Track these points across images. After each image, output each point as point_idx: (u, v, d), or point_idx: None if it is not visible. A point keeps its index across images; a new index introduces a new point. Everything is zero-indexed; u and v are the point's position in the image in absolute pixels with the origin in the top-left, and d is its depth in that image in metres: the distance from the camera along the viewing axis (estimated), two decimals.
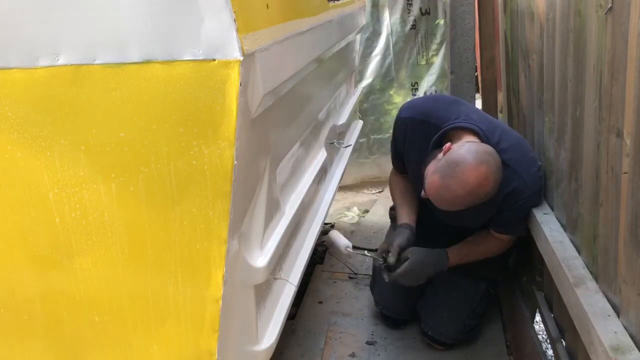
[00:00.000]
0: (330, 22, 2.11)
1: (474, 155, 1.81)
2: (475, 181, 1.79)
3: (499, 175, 1.85)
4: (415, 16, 4.02)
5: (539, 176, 2.05)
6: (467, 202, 1.85)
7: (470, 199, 1.84)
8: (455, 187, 1.81)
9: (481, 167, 1.79)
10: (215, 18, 1.07)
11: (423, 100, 2.38)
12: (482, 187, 1.81)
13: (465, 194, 1.82)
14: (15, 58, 1.12)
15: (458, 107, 2.15)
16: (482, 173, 1.79)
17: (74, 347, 1.29)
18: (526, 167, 2.02)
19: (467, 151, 1.83)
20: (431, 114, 2.13)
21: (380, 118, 4.21)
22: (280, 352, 2.23)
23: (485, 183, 1.81)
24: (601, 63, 1.42)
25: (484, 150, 1.85)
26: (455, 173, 1.80)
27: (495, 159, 1.86)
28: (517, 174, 1.99)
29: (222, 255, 1.18)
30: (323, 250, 3.15)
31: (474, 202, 1.87)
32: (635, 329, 1.29)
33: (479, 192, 1.82)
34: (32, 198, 1.19)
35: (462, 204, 1.87)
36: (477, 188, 1.81)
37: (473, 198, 1.84)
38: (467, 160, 1.80)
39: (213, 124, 1.11)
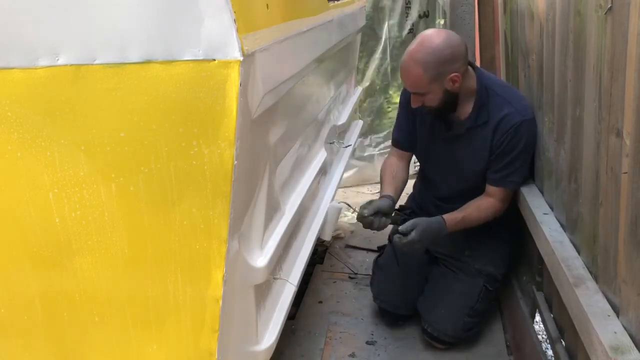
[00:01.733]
0: (330, 22, 2.11)
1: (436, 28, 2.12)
2: (426, 36, 2.03)
3: (453, 36, 2.05)
4: (414, 20, 4.03)
5: (531, 107, 2.16)
6: (424, 57, 1.99)
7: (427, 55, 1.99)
8: (411, 47, 2.04)
9: (433, 29, 2.11)
10: (215, 18, 1.07)
11: None
12: (432, 38, 2.01)
13: (418, 47, 2.01)
14: (15, 58, 1.12)
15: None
16: (433, 30, 2.08)
17: (74, 347, 1.29)
18: (517, 97, 2.17)
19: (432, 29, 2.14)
20: None
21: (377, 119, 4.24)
22: (280, 352, 2.23)
23: (435, 35, 2.02)
24: (601, 63, 1.42)
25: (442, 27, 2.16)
26: (417, 40, 2.05)
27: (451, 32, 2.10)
28: (508, 102, 2.13)
29: (222, 255, 1.18)
30: (323, 250, 3.15)
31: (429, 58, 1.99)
32: (635, 329, 1.29)
33: (429, 43, 2.00)
34: (32, 198, 1.19)
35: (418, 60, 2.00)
36: (427, 39, 2.01)
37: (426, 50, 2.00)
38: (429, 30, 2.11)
39: (213, 124, 1.11)
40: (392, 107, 4.23)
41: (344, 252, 3.15)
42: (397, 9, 4.04)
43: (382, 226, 2.17)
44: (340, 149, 2.72)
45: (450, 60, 2.01)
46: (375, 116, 4.26)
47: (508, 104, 2.12)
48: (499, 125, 2.10)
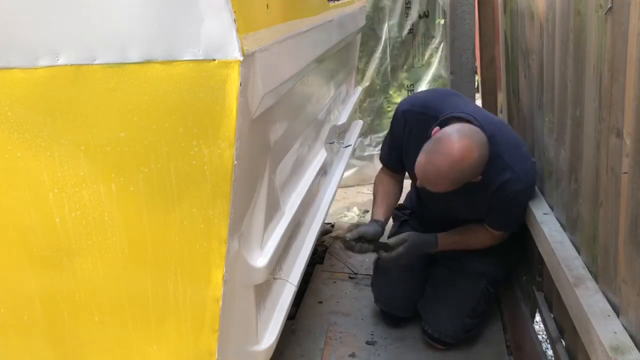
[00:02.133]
0: (330, 22, 2.11)
1: (457, 131, 1.87)
2: (458, 153, 1.82)
3: (484, 151, 1.88)
4: (414, 20, 4.04)
5: (532, 169, 2.08)
6: (453, 176, 1.87)
7: (456, 174, 1.86)
8: (440, 161, 1.84)
9: (464, 139, 1.83)
10: (215, 18, 1.07)
11: (421, 93, 2.42)
12: (466, 160, 1.83)
13: (449, 167, 1.84)
14: (15, 58, 1.12)
15: (456, 99, 2.18)
16: (465, 145, 1.83)
17: (74, 347, 1.29)
18: (519, 159, 2.05)
19: (451, 128, 1.89)
20: (430, 106, 2.15)
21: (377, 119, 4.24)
22: (280, 352, 2.23)
23: (469, 155, 1.83)
24: (601, 63, 1.42)
25: (469, 128, 1.90)
26: (439, 147, 1.85)
27: (480, 135, 1.89)
28: (510, 166, 2.02)
29: (222, 255, 1.18)
30: (323, 250, 3.15)
31: (461, 178, 1.88)
32: (635, 329, 1.29)
33: (463, 165, 1.84)
34: (32, 198, 1.19)
35: (448, 179, 1.88)
36: (460, 160, 1.83)
37: (458, 173, 1.86)
38: (451, 135, 1.86)
39: (213, 124, 1.11)
40: (392, 107, 4.23)
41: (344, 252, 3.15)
42: (397, 9, 4.05)
43: (362, 251, 2.19)
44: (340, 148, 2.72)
45: (479, 172, 1.92)
46: (375, 116, 4.26)
47: (510, 169, 2.01)
48: (499, 190, 2.02)
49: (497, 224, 2.17)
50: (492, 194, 2.04)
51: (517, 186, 2.03)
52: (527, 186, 2.06)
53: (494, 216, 2.15)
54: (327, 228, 3.43)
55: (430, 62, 4.11)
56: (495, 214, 2.13)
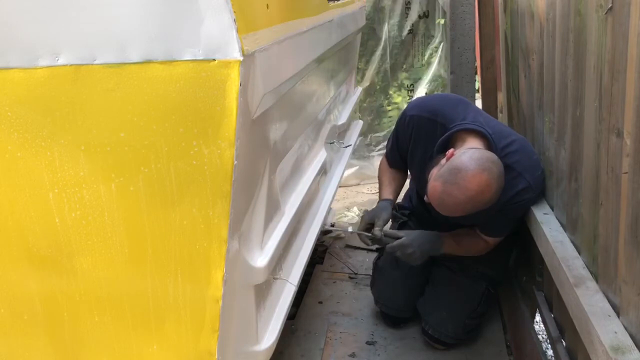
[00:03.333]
0: (330, 22, 2.11)
1: (476, 163, 1.80)
2: (477, 188, 1.78)
3: (500, 183, 1.84)
4: (414, 20, 4.04)
5: (542, 179, 2.07)
6: (468, 208, 1.84)
7: (471, 206, 1.83)
8: (457, 194, 1.80)
9: (483, 174, 1.78)
10: (215, 18, 1.07)
11: (431, 98, 2.34)
12: (483, 195, 1.80)
13: (466, 201, 1.81)
14: (15, 58, 1.12)
15: (466, 107, 2.14)
16: (484, 180, 1.78)
17: (74, 347, 1.29)
18: (531, 170, 2.03)
19: (470, 158, 1.82)
20: (439, 113, 2.12)
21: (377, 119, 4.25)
22: (280, 352, 2.23)
23: (487, 190, 1.80)
24: (601, 63, 1.42)
25: (487, 158, 1.83)
26: (457, 180, 1.79)
27: (498, 166, 1.84)
28: (523, 177, 2.00)
29: (222, 255, 1.18)
30: (323, 250, 3.15)
31: (475, 209, 1.86)
32: (635, 329, 1.29)
33: (480, 199, 1.81)
34: (32, 198, 1.19)
35: (463, 211, 1.86)
36: (478, 195, 1.79)
37: (474, 205, 1.83)
38: (469, 167, 1.79)
39: (213, 124, 1.11)
40: (392, 107, 4.23)
41: (344, 252, 3.15)
42: (397, 9, 4.05)
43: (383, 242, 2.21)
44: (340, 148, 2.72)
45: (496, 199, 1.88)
46: (375, 116, 4.26)
47: (523, 179, 1.99)
48: (511, 200, 2.00)
49: (494, 230, 2.16)
50: (504, 204, 2.01)
51: (527, 195, 2.02)
52: (535, 196, 2.05)
53: (492, 223, 2.13)
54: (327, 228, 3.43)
55: (430, 62, 4.12)
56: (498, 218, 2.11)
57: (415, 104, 2.28)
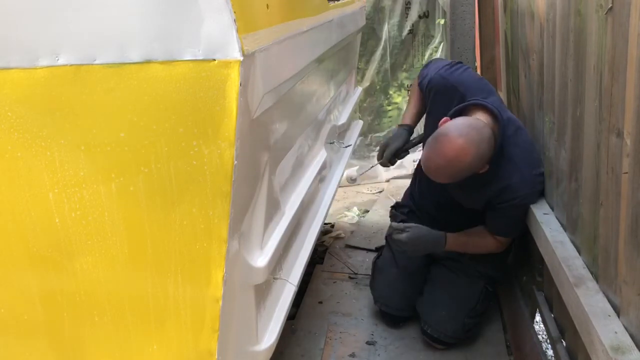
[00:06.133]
0: (330, 22, 2.11)
1: (455, 128, 1.88)
2: (453, 153, 1.85)
3: (482, 147, 1.88)
4: (414, 20, 4.04)
5: (539, 180, 2.06)
6: (451, 173, 1.90)
7: (452, 170, 1.89)
8: (436, 158, 1.89)
9: (459, 139, 1.84)
10: (215, 18, 1.07)
11: (463, 69, 2.30)
12: (460, 159, 1.85)
13: (445, 164, 1.88)
14: (15, 58, 1.12)
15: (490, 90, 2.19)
16: (459, 144, 1.84)
17: (74, 347, 1.29)
18: (529, 166, 2.05)
19: (452, 124, 1.91)
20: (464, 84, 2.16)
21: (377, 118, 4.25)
22: (280, 352, 2.23)
23: (463, 154, 1.85)
24: (601, 63, 1.42)
25: (468, 124, 1.90)
26: (437, 145, 1.88)
27: (479, 132, 1.88)
28: (518, 170, 2.02)
29: (222, 255, 1.18)
30: (323, 250, 3.15)
31: (460, 174, 1.91)
32: (635, 329, 1.29)
33: (457, 163, 1.86)
34: (32, 198, 1.19)
35: (447, 175, 1.92)
36: (455, 159, 1.85)
37: (455, 169, 1.88)
38: (448, 133, 1.87)
39: (213, 124, 1.11)
40: (392, 107, 4.23)
41: (344, 252, 3.15)
42: (397, 9, 4.05)
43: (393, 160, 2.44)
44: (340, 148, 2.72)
45: (480, 167, 1.93)
46: (375, 116, 4.26)
47: (517, 173, 2.02)
48: (502, 192, 2.03)
49: (499, 229, 2.17)
50: (495, 195, 2.04)
51: (520, 192, 2.03)
52: (531, 193, 2.05)
53: (496, 221, 2.14)
54: (327, 228, 3.43)
55: None
56: (497, 219, 2.13)
57: (443, 71, 2.27)
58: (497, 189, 2.02)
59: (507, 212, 2.08)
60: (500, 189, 2.02)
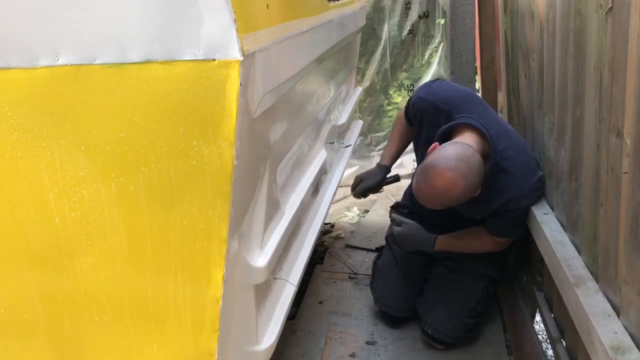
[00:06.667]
0: (330, 22, 2.11)
1: (443, 161, 1.82)
2: (442, 186, 1.81)
3: (470, 179, 1.83)
4: (414, 20, 4.04)
5: (538, 187, 2.07)
6: (443, 203, 1.88)
7: (444, 201, 1.86)
8: (427, 191, 1.86)
9: (447, 173, 1.80)
10: (215, 18, 1.07)
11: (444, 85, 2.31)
12: (449, 192, 1.82)
13: (436, 197, 1.85)
14: (15, 58, 1.12)
15: (475, 104, 2.15)
16: (448, 179, 1.80)
17: (74, 347, 1.29)
18: (528, 176, 2.04)
19: (440, 156, 1.84)
20: (447, 102, 2.13)
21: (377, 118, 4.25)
22: (280, 352, 2.23)
23: (452, 188, 1.81)
24: (601, 63, 1.42)
25: (456, 156, 1.83)
26: (426, 177, 1.84)
27: (467, 163, 1.83)
28: (518, 183, 2.01)
29: (222, 255, 1.18)
30: (323, 250, 3.15)
31: (453, 203, 1.89)
32: (635, 329, 1.29)
33: (448, 195, 1.83)
34: (32, 198, 1.18)
35: (440, 205, 1.89)
36: (445, 192, 1.82)
37: (446, 200, 1.86)
38: (436, 166, 1.82)
39: (213, 124, 1.11)
40: (392, 107, 4.23)
41: (344, 252, 3.15)
42: (397, 9, 4.05)
43: (366, 195, 2.55)
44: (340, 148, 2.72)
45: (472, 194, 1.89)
46: (375, 116, 4.26)
47: (518, 185, 2.01)
48: (505, 204, 2.03)
49: (501, 232, 2.17)
50: (498, 207, 2.03)
51: (523, 202, 2.03)
52: (533, 201, 2.05)
53: (497, 226, 2.14)
54: (327, 228, 3.43)
55: (430, 62, 4.12)
56: (499, 225, 2.13)
57: (427, 88, 2.27)
58: (498, 204, 2.02)
59: (510, 220, 2.09)
60: (502, 203, 2.02)
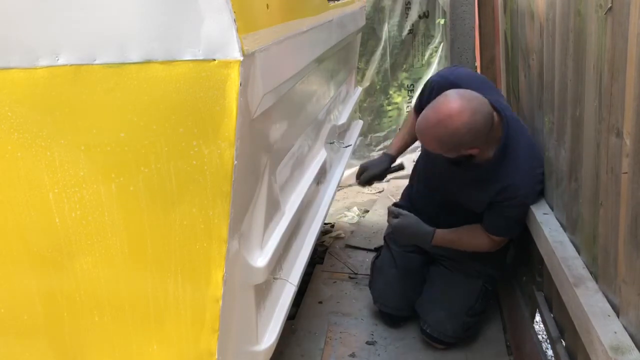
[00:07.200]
0: (330, 22, 2.11)
1: (457, 92, 1.87)
2: (446, 111, 1.83)
3: (478, 118, 1.84)
4: (414, 20, 4.04)
5: (538, 180, 2.06)
6: (439, 133, 1.86)
7: (441, 131, 1.85)
8: (430, 114, 1.87)
9: (456, 101, 1.83)
10: (215, 18, 1.07)
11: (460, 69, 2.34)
12: (454, 118, 1.82)
13: (436, 123, 1.85)
14: (15, 58, 1.12)
15: (491, 88, 2.18)
16: (456, 105, 1.82)
17: (74, 347, 1.29)
18: (530, 166, 2.04)
19: (455, 90, 1.89)
20: (464, 82, 2.13)
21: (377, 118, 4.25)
22: (280, 352, 2.23)
23: (457, 115, 1.82)
24: (601, 63, 1.42)
25: (474, 95, 1.87)
26: (435, 103, 1.88)
27: (480, 103, 1.86)
28: (519, 171, 2.01)
29: (222, 255, 1.18)
30: (323, 250, 3.15)
31: (449, 140, 1.86)
32: (635, 329, 1.29)
33: (451, 123, 1.82)
34: (32, 198, 1.19)
35: (435, 136, 1.88)
36: (448, 118, 1.82)
37: (444, 130, 1.84)
38: (448, 94, 1.87)
39: (213, 124, 1.11)
40: (392, 107, 4.23)
41: (344, 252, 3.15)
42: (397, 9, 4.05)
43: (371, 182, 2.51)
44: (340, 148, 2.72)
45: (470, 141, 1.89)
46: (375, 116, 4.26)
47: (518, 173, 2.01)
48: (501, 191, 2.03)
49: (496, 229, 2.16)
50: (494, 194, 2.03)
51: (520, 192, 2.02)
52: (531, 192, 2.05)
53: (493, 221, 2.13)
54: (327, 228, 3.43)
55: (430, 62, 4.12)
56: (495, 218, 2.12)
57: (443, 72, 2.31)
58: (498, 188, 2.02)
59: (506, 212, 2.07)
60: (501, 188, 2.02)
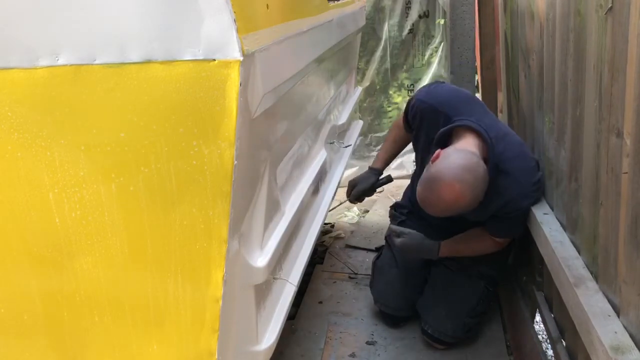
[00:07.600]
0: (330, 22, 2.11)
1: (451, 172, 1.82)
2: (450, 198, 1.83)
3: (478, 190, 1.86)
4: (414, 20, 4.04)
5: (537, 187, 2.08)
6: (449, 213, 1.90)
7: (452, 211, 1.89)
8: (434, 202, 1.87)
9: (456, 185, 1.81)
10: (215, 18, 1.07)
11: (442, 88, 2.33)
12: (458, 202, 1.84)
13: (444, 208, 1.87)
14: (15, 58, 1.12)
15: (474, 106, 2.17)
16: (457, 190, 1.81)
17: (74, 347, 1.29)
18: (528, 178, 2.05)
19: (446, 166, 1.84)
20: (445, 104, 2.14)
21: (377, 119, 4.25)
22: (280, 352, 2.23)
23: (461, 199, 1.83)
24: (601, 63, 1.42)
25: (463, 166, 1.84)
26: (433, 188, 1.85)
27: (474, 174, 1.84)
28: (519, 184, 2.02)
29: (222, 255, 1.18)
30: (323, 250, 3.15)
31: (459, 212, 1.91)
32: (635, 329, 1.29)
33: (456, 206, 1.85)
34: (32, 198, 1.19)
35: (445, 214, 1.91)
36: (453, 203, 1.84)
37: (454, 210, 1.88)
38: (444, 178, 1.83)
39: (213, 124, 1.11)
40: (392, 107, 4.23)
41: (344, 252, 3.15)
42: (397, 9, 4.05)
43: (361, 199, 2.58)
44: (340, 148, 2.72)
45: (477, 202, 1.89)
46: (375, 116, 4.26)
47: (518, 186, 2.01)
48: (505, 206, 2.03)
49: (500, 232, 2.17)
50: (498, 209, 2.04)
51: (523, 203, 2.04)
52: (532, 203, 2.06)
53: (497, 227, 2.15)
54: (327, 228, 3.43)
55: (430, 62, 4.12)
56: (499, 225, 2.14)
57: (426, 90, 2.31)
58: (499, 204, 2.02)
59: (511, 221, 2.10)
60: (502, 204, 2.02)
